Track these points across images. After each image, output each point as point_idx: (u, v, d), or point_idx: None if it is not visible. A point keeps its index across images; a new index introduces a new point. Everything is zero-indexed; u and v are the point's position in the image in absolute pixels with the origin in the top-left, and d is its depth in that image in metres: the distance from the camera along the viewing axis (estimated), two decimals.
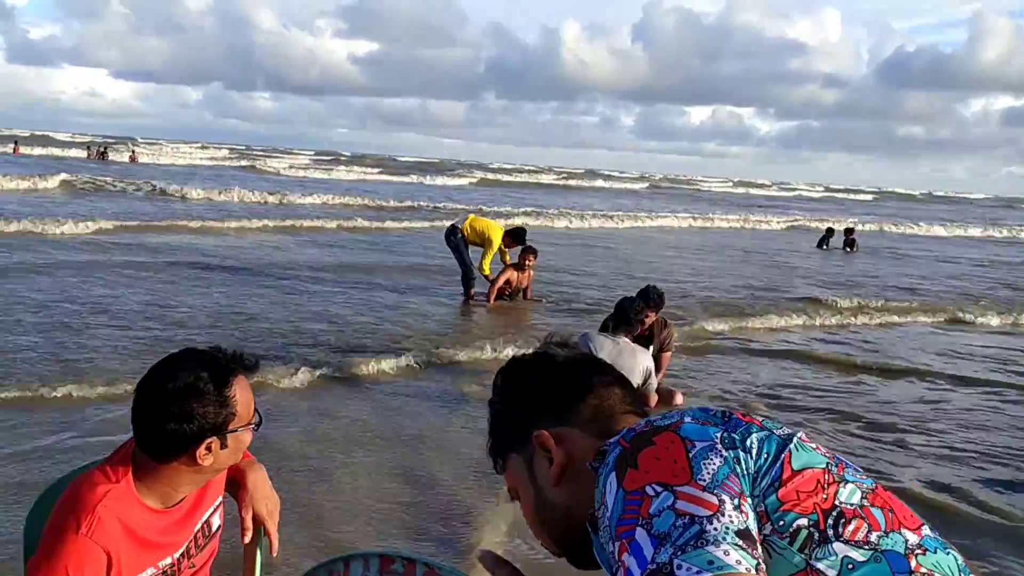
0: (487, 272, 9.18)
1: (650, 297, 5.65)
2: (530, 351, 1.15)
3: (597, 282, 11.65)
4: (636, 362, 4.92)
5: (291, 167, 48.21)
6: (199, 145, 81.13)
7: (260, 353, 5.12)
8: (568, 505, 1.02)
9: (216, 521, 1.81)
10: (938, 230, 30.62)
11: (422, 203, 24.59)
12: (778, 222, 29.10)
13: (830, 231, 20.34)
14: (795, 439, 0.94)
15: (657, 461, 0.87)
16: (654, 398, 5.22)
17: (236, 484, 1.83)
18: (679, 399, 5.69)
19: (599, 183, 61.76)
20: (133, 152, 46.12)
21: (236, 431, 1.61)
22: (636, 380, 4.89)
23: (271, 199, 22.42)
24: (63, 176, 22.11)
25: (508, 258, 9.44)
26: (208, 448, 1.58)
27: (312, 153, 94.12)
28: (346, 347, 6.80)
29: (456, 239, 9.15)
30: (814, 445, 0.95)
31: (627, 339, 5.06)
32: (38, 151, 44.10)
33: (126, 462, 1.60)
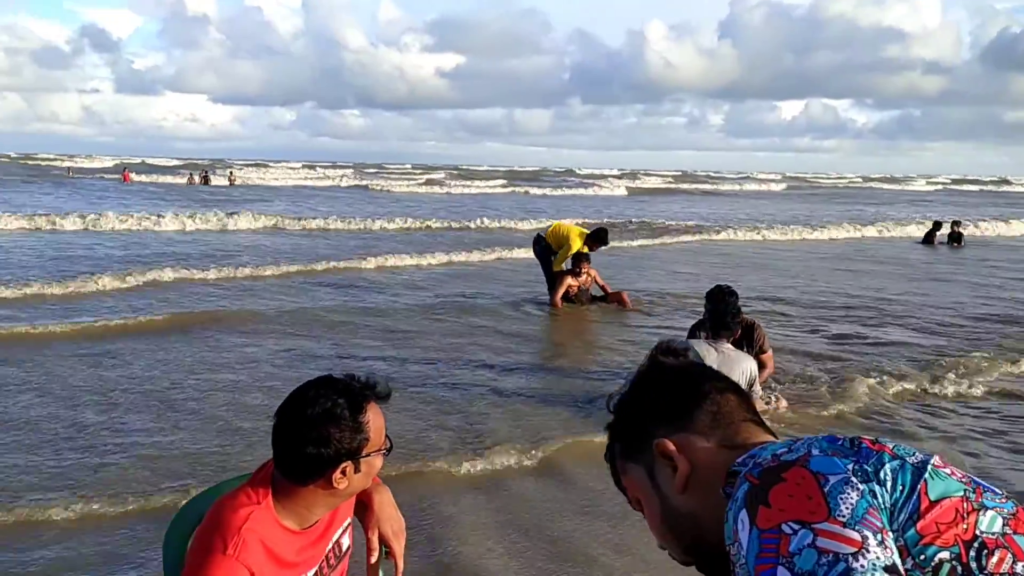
0: (559, 268, 9.21)
1: (734, 299, 5.26)
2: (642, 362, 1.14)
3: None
4: (741, 368, 4.82)
5: (413, 184, 46.30)
6: (302, 165, 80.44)
7: None
8: (696, 512, 1.00)
9: (346, 541, 1.82)
10: None
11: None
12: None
13: (937, 225, 19.32)
14: (929, 466, 0.90)
15: (790, 498, 0.84)
16: (760, 404, 5.01)
17: (362, 506, 1.85)
18: (783, 404, 5.38)
19: (750, 186, 59.17)
20: (231, 174, 45.36)
21: (369, 456, 1.64)
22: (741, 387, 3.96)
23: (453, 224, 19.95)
24: (256, 215, 19.73)
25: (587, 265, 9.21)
26: (343, 472, 1.61)
27: (409, 167, 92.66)
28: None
29: (541, 247, 9.32)
30: (949, 471, 0.91)
31: (729, 345, 5.01)
32: (148, 177, 44.17)
33: (266, 484, 1.63)
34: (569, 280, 8.98)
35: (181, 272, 10.60)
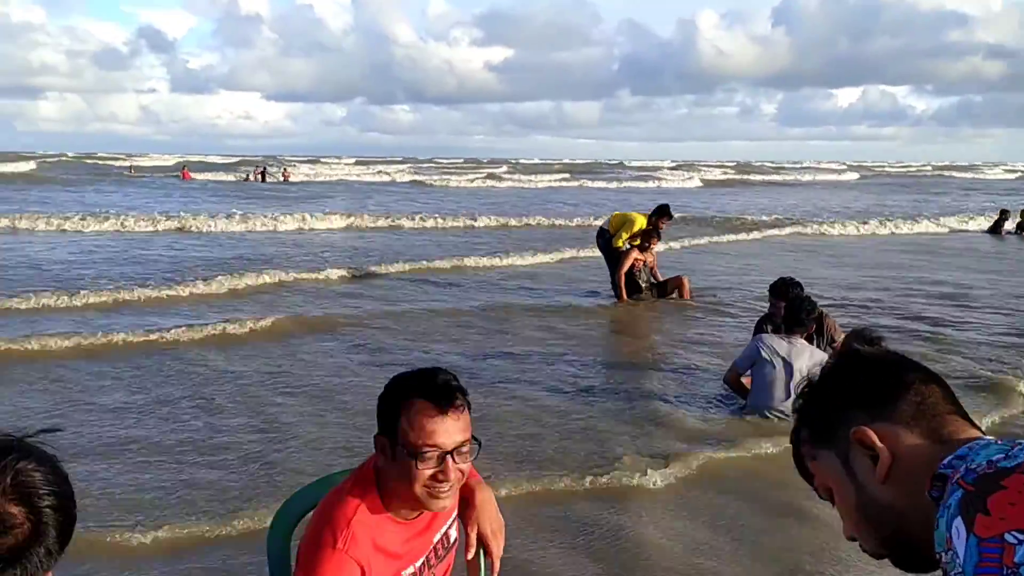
0: (620, 245, 8.98)
1: (801, 290, 5.42)
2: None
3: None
4: (816, 364, 4.76)
5: (475, 179, 45.65)
6: (355, 161, 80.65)
7: None
8: (897, 504, 0.97)
9: (453, 534, 1.84)
10: None
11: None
12: None
13: (1004, 214, 18.49)
14: None
15: (1012, 507, 0.82)
16: None
17: (465, 503, 1.85)
18: None
19: (821, 176, 57.50)
20: (285, 170, 45.58)
21: (403, 448, 1.60)
22: None
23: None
24: (340, 214, 19.11)
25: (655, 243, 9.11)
26: (381, 448, 1.62)
27: (461, 161, 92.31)
28: None
29: (604, 240, 9.17)
30: None
31: (801, 340, 4.95)
32: (206, 175, 44.60)
33: (370, 476, 1.66)
34: (635, 254, 8.82)
35: (280, 275, 10.24)
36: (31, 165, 47.03)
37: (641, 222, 8.89)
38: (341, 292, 9.58)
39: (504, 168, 61.56)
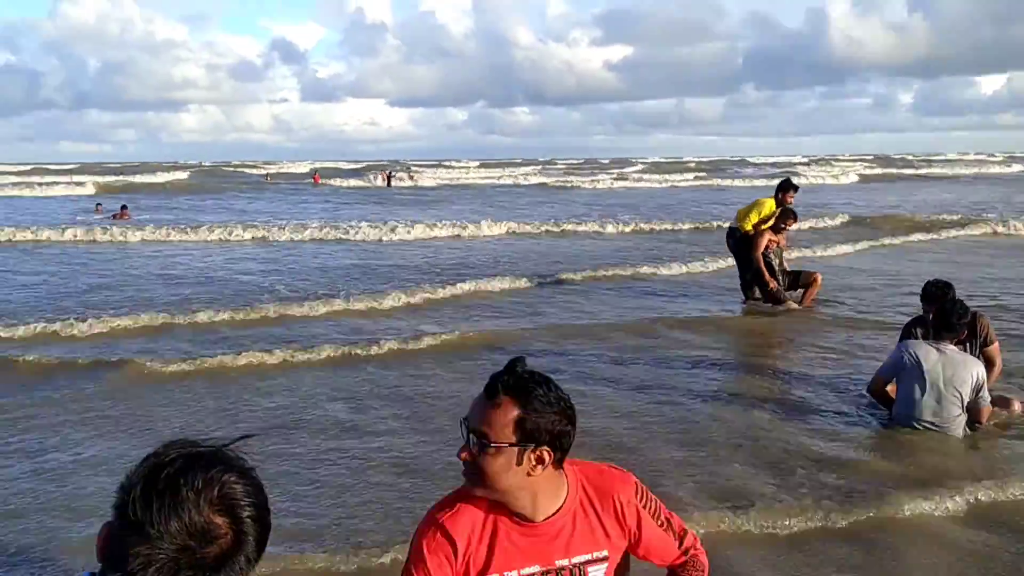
0: (748, 229, 8.65)
1: (953, 292, 5.05)
2: None
3: None
4: (968, 372, 4.58)
5: (604, 180, 44.23)
6: (478, 164, 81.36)
7: None
8: None
9: (595, 574, 1.75)
10: None
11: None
12: None
13: None
14: None
15: None
16: (987, 412, 4.70)
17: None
18: (1017, 407, 5.01)
19: (990, 169, 53.73)
20: (410, 174, 46.17)
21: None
22: (967, 393, 4.60)
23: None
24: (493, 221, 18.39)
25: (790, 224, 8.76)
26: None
27: (581, 161, 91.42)
28: None
29: (735, 240, 8.87)
30: None
31: (953, 346, 4.70)
32: (337, 181, 45.46)
33: None
34: (769, 235, 8.58)
35: (455, 288, 9.73)
36: (184, 175, 50.34)
37: (770, 204, 8.67)
38: (507, 304, 9.14)
39: (638, 167, 60.09)
